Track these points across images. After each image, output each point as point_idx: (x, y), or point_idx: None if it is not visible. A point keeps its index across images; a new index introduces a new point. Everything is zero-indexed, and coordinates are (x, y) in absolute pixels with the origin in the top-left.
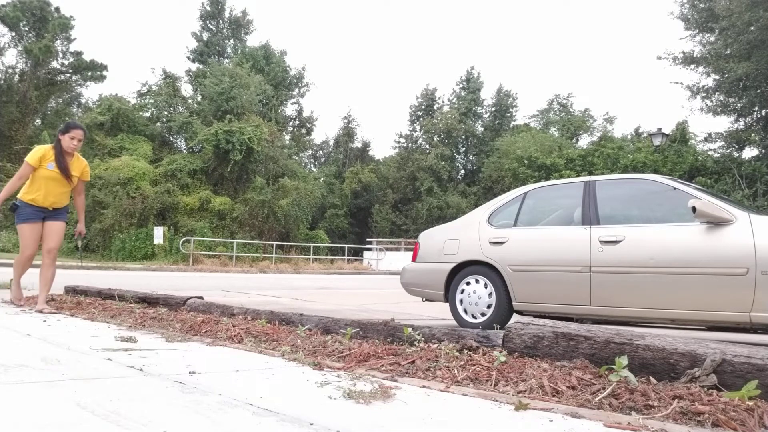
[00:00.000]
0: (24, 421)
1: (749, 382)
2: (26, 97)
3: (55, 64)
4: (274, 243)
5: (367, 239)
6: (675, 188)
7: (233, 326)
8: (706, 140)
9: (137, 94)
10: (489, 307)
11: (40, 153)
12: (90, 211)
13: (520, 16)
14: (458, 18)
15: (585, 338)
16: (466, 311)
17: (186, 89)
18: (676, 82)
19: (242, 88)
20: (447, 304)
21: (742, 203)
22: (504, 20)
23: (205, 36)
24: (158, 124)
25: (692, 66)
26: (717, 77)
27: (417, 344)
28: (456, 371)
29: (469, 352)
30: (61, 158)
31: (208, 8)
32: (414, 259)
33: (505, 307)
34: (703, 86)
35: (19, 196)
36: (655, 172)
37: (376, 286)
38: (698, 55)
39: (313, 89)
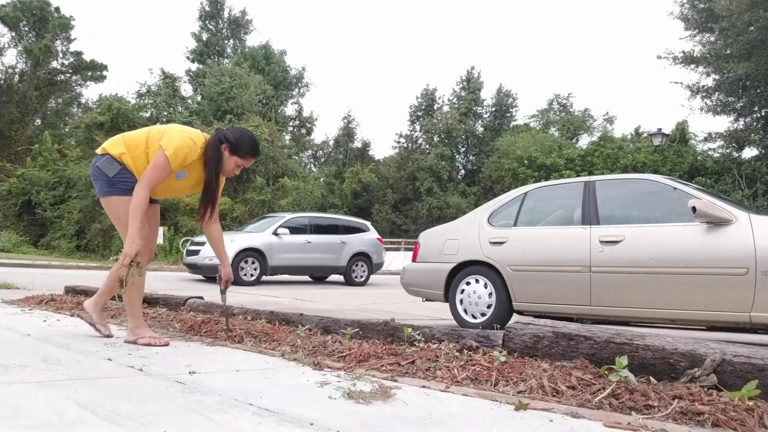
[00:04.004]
0: (24, 421)
1: (749, 382)
2: (26, 97)
3: (55, 64)
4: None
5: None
6: (675, 188)
7: (233, 326)
8: (706, 140)
9: (137, 95)
10: (489, 307)
11: (185, 153)
12: (90, 211)
13: (520, 16)
14: (458, 18)
15: (585, 338)
16: (466, 311)
17: (186, 89)
18: (676, 82)
19: (242, 88)
20: (447, 304)
21: (742, 203)
22: (504, 20)
23: (205, 36)
24: (158, 124)
25: (692, 66)
26: (717, 77)
27: (417, 344)
28: (456, 371)
29: (469, 352)
30: (215, 183)
31: (207, 8)
32: (414, 259)
33: (505, 307)
34: (703, 86)
35: (111, 150)
36: (655, 172)
37: (376, 286)
38: (698, 55)
39: (313, 89)
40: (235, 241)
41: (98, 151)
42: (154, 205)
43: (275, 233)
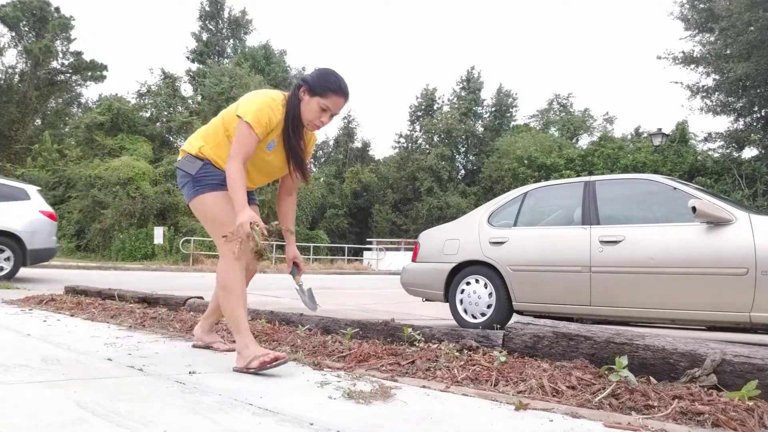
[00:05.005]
0: (24, 421)
1: (749, 382)
2: (26, 97)
3: (55, 64)
4: (274, 243)
5: (367, 239)
6: (675, 188)
7: None
8: (706, 140)
9: (137, 95)
10: (489, 307)
11: (267, 115)
12: (90, 211)
13: (520, 16)
14: (458, 18)
15: (585, 338)
16: (466, 311)
17: (186, 89)
18: (676, 82)
19: (242, 88)
20: (447, 304)
21: (742, 203)
22: (504, 20)
23: (205, 36)
24: (158, 124)
25: (692, 66)
26: (717, 77)
27: (417, 344)
28: (456, 371)
29: (469, 352)
30: (295, 137)
31: (207, 8)
32: (414, 259)
33: (505, 307)
34: (703, 86)
35: (189, 149)
36: (655, 172)
37: (376, 286)
38: (698, 55)
39: None
40: None
41: (179, 156)
42: (251, 206)
43: None
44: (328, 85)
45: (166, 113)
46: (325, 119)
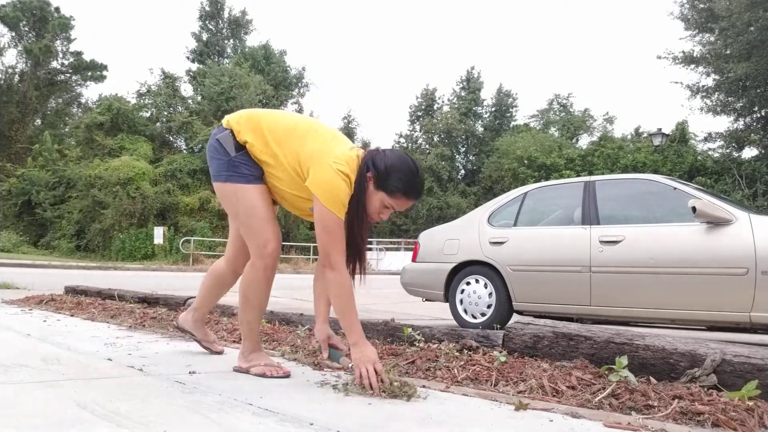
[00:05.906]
0: (24, 421)
1: (749, 382)
2: (26, 97)
3: (55, 64)
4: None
5: (367, 239)
6: (675, 188)
7: (233, 326)
8: (705, 140)
9: (137, 95)
10: (489, 307)
11: (345, 193)
12: (90, 211)
13: (520, 16)
14: (458, 18)
15: (585, 338)
16: (466, 311)
17: (186, 89)
18: (676, 82)
19: (242, 88)
20: (447, 304)
21: (742, 203)
22: (504, 20)
23: (205, 36)
24: (158, 124)
25: (692, 66)
26: (717, 77)
27: (417, 344)
28: (456, 371)
29: (469, 352)
30: (359, 226)
31: (208, 8)
32: (414, 259)
33: (505, 307)
34: (703, 86)
35: (240, 138)
36: (655, 172)
37: (376, 286)
38: (698, 55)
39: (313, 89)
40: None
41: (223, 122)
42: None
43: None
44: (400, 186)
45: (166, 113)
46: (384, 216)
